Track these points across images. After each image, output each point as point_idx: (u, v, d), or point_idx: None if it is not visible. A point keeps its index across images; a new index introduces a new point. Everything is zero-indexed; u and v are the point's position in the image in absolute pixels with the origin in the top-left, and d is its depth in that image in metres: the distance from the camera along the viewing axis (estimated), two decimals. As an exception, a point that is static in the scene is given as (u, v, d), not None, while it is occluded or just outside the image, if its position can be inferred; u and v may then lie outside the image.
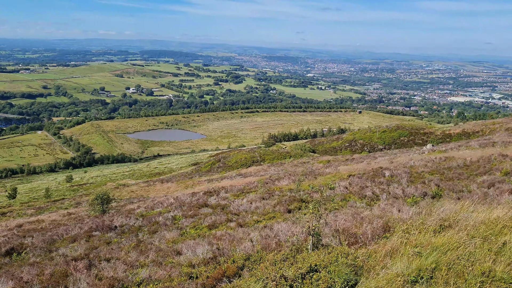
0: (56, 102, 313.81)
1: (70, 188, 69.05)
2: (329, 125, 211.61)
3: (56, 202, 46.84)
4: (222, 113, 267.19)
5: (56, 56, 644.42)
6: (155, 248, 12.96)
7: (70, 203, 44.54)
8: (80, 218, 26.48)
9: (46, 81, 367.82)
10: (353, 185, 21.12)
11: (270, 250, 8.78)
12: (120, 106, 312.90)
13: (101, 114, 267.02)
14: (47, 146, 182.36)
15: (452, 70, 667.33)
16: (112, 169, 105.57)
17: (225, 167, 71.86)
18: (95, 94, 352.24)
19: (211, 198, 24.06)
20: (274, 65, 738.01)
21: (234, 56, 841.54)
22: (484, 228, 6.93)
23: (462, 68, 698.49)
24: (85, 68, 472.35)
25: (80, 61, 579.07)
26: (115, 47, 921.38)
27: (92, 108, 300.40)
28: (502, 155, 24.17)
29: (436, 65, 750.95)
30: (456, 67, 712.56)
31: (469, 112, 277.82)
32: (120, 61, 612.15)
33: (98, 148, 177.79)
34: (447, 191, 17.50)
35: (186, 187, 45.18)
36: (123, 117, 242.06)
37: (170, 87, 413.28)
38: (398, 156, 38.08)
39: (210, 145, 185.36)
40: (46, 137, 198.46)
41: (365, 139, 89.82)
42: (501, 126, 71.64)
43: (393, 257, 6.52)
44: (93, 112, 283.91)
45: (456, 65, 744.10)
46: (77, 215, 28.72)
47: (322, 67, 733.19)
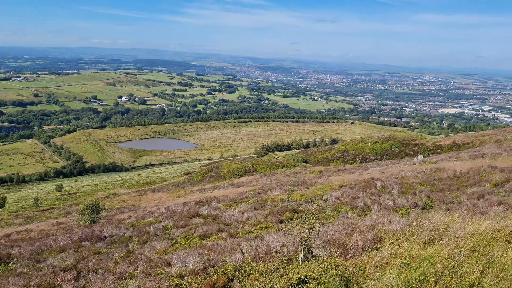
0: (47, 110, 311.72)
1: (60, 197, 68.34)
2: (321, 136, 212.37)
3: (45, 212, 46.30)
4: (215, 122, 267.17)
5: (48, 64, 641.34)
6: (145, 258, 12.85)
7: (59, 212, 44.05)
8: (69, 228, 26.19)
9: (37, 89, 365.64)
10: (345, 196, 21.16)
11: (260, 261, 8.75)
12: (112, 114, 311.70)
13: (92, 123, 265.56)
14: (37, 155, 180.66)
15: (443, 82, 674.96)
16: (103, 178, 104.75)
17: (217, 176, 71.65)
18: (87, 102, 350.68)
19: (202, 208, 23.93)
20: (267, 75, 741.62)
21: (227, 66, 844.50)
22: (472, 240, 6.98)
23: (452, 80, 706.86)
24: (77, 76, 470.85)
25: (72, 69, 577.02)
26: (108, 56, 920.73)
27: (83, 117, 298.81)
28: (491, 167, 24.41)
29: (427, 77, 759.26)
30: (447, 79, 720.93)
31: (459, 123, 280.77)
32: (113, 69, 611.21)
33: (89, 157, 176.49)
34: (437, 202, 17.61)
35: (177, 197, 44.95)
36: (115, 126, 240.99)
37: (163, 96, 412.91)
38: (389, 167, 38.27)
39: (202, 154, 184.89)
40: (37, 146, 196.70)
41: (357, 150, 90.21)
42: (490, 138, 72.35)
43: (382, 268, 6.53)
44: (84, 121, 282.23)
45: (446, 77, 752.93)
46: (66, 224, 28.39)
47: (315, 78, 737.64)
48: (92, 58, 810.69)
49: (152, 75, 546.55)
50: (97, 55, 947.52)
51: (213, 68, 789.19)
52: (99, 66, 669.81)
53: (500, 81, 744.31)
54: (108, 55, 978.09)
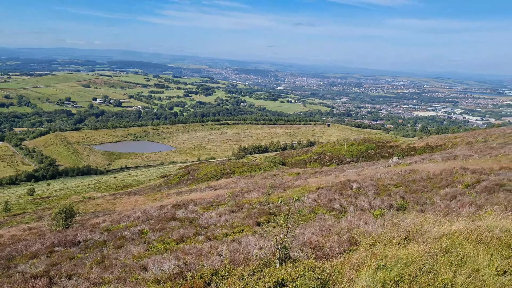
0: (19, 112, 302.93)
1: (32, 202, 66.52)
2: (298, 138, 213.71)
3: (17, 216, 44.99)
4: (192, 125, 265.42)
5: (19, 65, 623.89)
6: (120, 263, 12.62)
7: (31, 217, 42.89)
8: (41, 233, 25.53)
9: (8, 90, 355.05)
10: (322, 198, 21.33)
11: (238, 264, 8.71)
12: (86, 117, 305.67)
13: (66, 125, 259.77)
14: (8, 158, 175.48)
15: (416, 86, 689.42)
16: (77, 182, 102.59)
17: (194, 179, 71.18)
18: (61, 104, 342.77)
19: (179, 211, 23.72)
20: (244, 77, 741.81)
21: (204, 68, 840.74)
22: (445, 241, 7.13)
23: (425, 84, 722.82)
24: (50, 77, 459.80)
25: (45, 70, 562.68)
26: (83, 57, 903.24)
27: (57, 119, 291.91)
28: (463, 168, 25.04)
29: (401, 80, 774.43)
30: (420, 83, 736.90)
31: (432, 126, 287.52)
32: (87, 71, 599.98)
33: (62, 160, 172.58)
34: (411, 203, 17.94)
35: (154, 200, 44.41)
36: (90, 128, 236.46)
37: (139, 98, 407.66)
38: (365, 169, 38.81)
39: (179, 157, 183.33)
40: (7, 149, 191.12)
41: (334, 152, 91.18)
42: (462, 140, 74.29)
43: (358, 270, 6.60)
44: (58, 123, 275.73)
45: (420, 81, 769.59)
46: (38, 229, 27.66)
47: (292, 81, 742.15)
48: (66, 59, 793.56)
49: (128, 76, 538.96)
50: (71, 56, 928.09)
51: (190, 70, 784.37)
52: (73, 67, 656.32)
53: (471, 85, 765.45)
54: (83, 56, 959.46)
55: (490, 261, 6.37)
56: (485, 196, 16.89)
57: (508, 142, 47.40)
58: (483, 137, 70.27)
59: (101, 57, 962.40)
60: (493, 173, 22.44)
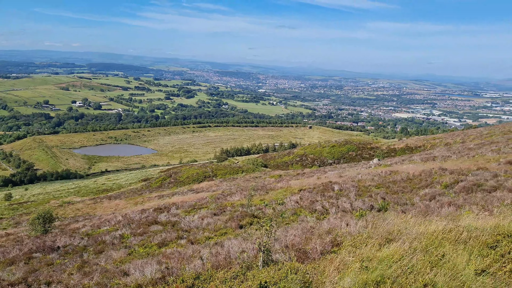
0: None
1: (9, 207, 64.92)
2: (280, 140, 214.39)
3: (-7, 222, 43.84)
4: (173, 127, 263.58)
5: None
6: (100, 269, 12.41)
7: (8, 223, 41.88)
8: (19, 239, 24.94)
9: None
10: (304, 200, 21.42)
11: (220, 268, 8.66)
12: (65, 120, 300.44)
13: (44, 129, 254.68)
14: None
15: (396, 88, 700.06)
16: (56, 186, 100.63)
17: (176, 182, 70.62)
18: (38, 107, 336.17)
19: (161, 215, 23.49)
20: (226, 80, 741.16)
21: (186, 71, 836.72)
22: (425, 241, 7.23)
23: (405, 86, 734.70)
24: (28, 80, 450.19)
25: (22, 73, 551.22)
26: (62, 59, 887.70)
27: (35, 122, 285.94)
28: (442, 169, 25.49)
29: (381, 82, 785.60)
30: (400, 85, 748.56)
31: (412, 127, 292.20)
32: (66, 73, 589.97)
33: (41, 164, 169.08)
34: (392, 204, 18.17)
35: (135, 204, 43.89)
36: (69, 132, 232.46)
37: (120, 101, 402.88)
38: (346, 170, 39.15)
39: (161, 160, 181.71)
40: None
41: (316, 154, 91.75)
42: (441, 141, 75.70)
43: (341, 271, 6.63)
44: (36, 126, 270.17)
45: (399, 83, 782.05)
46: (16, 235, 27.02)
47: (273, 83, 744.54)
48: (44, 62, 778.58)
49: (108, 79, 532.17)
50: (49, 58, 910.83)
51: (171, 73, 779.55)
52: (51, 70, 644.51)
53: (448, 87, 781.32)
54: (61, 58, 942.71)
55: (469, 260, 6.49)
56: (463, 196, 17.22)
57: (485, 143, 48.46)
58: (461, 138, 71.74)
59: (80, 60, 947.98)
60: (471, 173, 22.90)
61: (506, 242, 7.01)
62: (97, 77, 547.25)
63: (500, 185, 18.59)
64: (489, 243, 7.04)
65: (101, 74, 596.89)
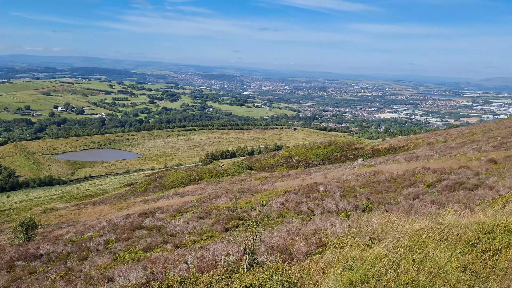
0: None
1: (-10, 215, 63.57)
2: (265, 142, 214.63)
3: (-26, 231, 42.84)
4: (158, 131, 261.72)
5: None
6: (84, 275, 12.24)
7: (-11, 231, 40.96)
8: (1, 247, 24.43)
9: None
10: (289, 201, 21.47)
11: (206, 271, 8.62)
12: (47, 125, 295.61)
13: (26, 134, 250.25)
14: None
15: (379, 89, 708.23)
16: (38, 193, 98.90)
17: (161, 186, 70.12)
18: (19, 113, 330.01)
19: (146, 220, 23.28)
20: (210, 83, 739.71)
21: (169, 74, 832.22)
22: (408, 240, 7.31)
23: (387, 87, 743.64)
24: (8, 85, 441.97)
25: (2, 78, 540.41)
26: (42, 64, 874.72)
27: (16, 128, 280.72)
28: (425, 168, 25.84)
29: (364, 84, 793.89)
30: (382, 86, 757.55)
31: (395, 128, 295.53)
32: (48, 78, 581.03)
33: (22, 171, 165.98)
34: (376, 204, 18.34)
35: (120, 209, 43.42)
36: (51, 137, 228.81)
37: (103, 105, 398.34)
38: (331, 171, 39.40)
39: (145, 164, 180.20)
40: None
41: (301, 155, 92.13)
42: (423, 141, 76.76)
43: (326, 272, 6.66)
44: (17, 132, 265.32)
45: (382, 84, 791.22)
46: (-3, 244, 26.45)
47: (258, 85, 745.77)
48: (24, 67, 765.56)
49: (91, 83, 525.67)
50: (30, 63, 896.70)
51: (154, 76, 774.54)
52: (32, 75, 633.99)
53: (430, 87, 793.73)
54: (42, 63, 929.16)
55: (451, 258, 6.58)
56: (446, 195, 17.48)
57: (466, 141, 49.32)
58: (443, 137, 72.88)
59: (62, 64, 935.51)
60: (453, 172, 23.27)
61: (487, 239, 7.14)
62: (80, 81, 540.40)
63: (482, 183, 18.93)
64: (470, 240, 7.16)
65: (83, 79, 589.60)
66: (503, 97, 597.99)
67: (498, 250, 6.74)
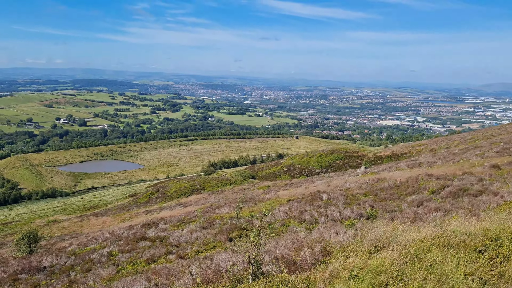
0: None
1: (-7, 228, 63.49)
2: (267, 151, 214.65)
3: (-23, 244, 42.74)
4: (160, 142, 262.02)
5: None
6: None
7: (-8, 244, 40.85)
8: (4, 260, 24.34)
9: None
10: (293, 210, 21.39)
11: (210, 282, 8.56)
12: (50, 137, 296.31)
13: (28, 147, 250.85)
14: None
15: (380, 96, 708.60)
16: (41, 205, 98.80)
17: (164, 197, 70.01)
18: (22, 125, 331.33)
19: (149, 231, 23.21)
20: (211, 92, 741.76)
21: (171, 85, 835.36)
22: (414, 247, 7.25)
23: (388, 94, 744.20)
24: (10, 98, 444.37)
25: (4, 91, 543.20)
26: (44, 76, 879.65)
27: (18, 141, 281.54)
28: (428, 175, 25.73)
29: (365, 91, 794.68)
30: (383, 93, 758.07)
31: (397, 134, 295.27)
32: (50, 90, 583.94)
33: (25, 183, 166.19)
34: (380, 211, 18.24)
35: (123, 220, 43.32)
36: (54, 149, 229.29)
37: (105, 116, 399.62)
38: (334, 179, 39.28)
39: (148, 175, 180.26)
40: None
41: (303, 164, 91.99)
42: (426, 148, 76.61)
43: (331, 281, 6.60)
44: (19, 145, 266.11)
45: (383, 91, 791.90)
46: (1, 257, 26.38)
47: (259, 94, 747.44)
48: (26, 79, 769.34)
49: (92, 95, 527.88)
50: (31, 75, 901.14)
51: (156, 87, 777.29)
52: (34, 87, 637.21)
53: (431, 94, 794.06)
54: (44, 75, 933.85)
55: (458, 265, 6.52)
56: (450, 201, 17.38)
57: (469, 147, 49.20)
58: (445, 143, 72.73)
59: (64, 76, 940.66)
60: (457, 178, 23.16)
61: (494, 246, 7.08)
62: (81, 93, 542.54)
63: (486, 189, 18.82)
64: (477, 248, 7.09)
65: (85, 90, 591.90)
66: (505, 102, 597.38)
67: (506, 257, 6.67)
